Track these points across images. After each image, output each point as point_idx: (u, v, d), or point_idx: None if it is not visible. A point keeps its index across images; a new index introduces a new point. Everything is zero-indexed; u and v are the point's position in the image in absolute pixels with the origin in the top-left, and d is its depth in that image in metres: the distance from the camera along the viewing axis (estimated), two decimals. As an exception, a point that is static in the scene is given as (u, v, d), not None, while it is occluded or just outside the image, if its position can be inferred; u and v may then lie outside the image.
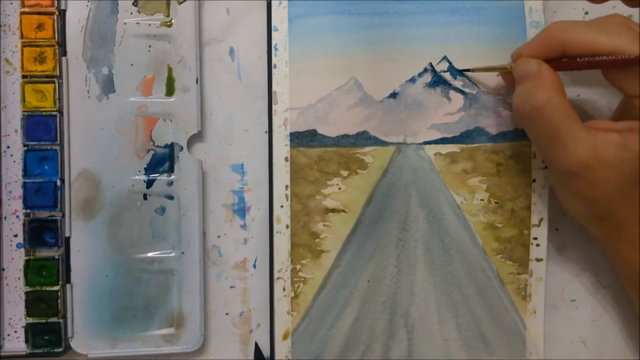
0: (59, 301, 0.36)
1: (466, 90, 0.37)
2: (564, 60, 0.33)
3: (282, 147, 0.37)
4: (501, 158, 0.37)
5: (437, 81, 0.37)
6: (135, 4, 0.37)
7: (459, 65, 0.37)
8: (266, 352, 0.38)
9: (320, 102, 0.37)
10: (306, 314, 0.37)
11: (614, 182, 0.31)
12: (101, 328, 0.37)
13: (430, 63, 0.37)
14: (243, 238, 0.39)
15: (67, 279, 0.37)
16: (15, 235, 0.37)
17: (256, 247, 0.39)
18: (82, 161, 0.37)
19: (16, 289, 0.37)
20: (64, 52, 0.37)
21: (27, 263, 0.36)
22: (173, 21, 0.37)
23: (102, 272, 0.37)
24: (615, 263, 0.35)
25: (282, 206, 0.37)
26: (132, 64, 0.37)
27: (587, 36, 0.31)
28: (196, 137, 0.38)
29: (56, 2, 0.36)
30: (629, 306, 0.39)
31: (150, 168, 0.37)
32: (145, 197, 0.37)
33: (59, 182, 0.36)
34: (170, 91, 0.37)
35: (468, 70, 0.37)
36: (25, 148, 0.36)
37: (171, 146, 0.37)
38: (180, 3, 0.37)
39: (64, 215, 0.36)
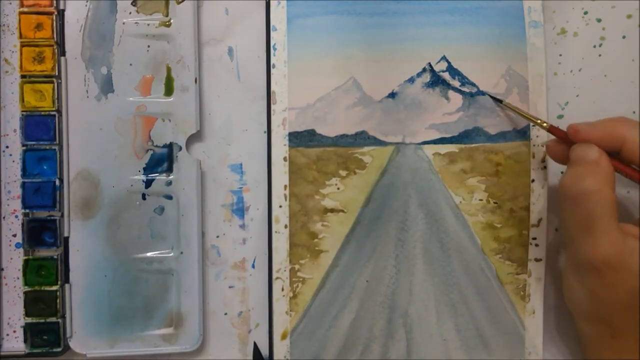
0: (58, 301, 0.36)
1: (465, 90, 0.37)
2: (622, 160, 0.32)
3: (280, 147, 0.37)
4: (500, 158, 0.37)
5: (436, 81, 0.37)
6: (134, 3, 0.37)
7: (458, 65, 0.37)
8: (265, 352, 0.38)
9: (319, 102, 0.37)
10: (305, 314, 0.37)
11: (629, 290, 0.31)
12: (100, 328, 0.37)
13: (429, 63, 0.37)
14: (242, 238, 0.39)
15: (66, 279, 0.37)
16: (14, 235, 0.37)
17: (255, 247, 0.39)
18: (81, 161, 0.37)
19: (15, 289, 0.37)
20: (62, 52, 0.37)
21: (26, 263, 0.36)
22: (172, 21, 0.37)
23: (101, 271, 0.37)
24: None
25: (280, 206, 0.37)
26: (130, 64, 0.37)
27: None
28: (195, 137, 0.38)
29: (55, 2, 0.36)
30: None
31: (149, 168, 0.37)
32: (144, 197, 0.37)
33: (57, 182, 0.36)
34: (169, 91, 0.37)
35: (499, 101, 0.37)
36: (24, 148, 0.36)
37: (170, 146, 0.37)
38: (179, 3, 0.37)
39: (62, 215, 0.36)
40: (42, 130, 0.36)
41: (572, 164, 0.32)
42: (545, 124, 0.35)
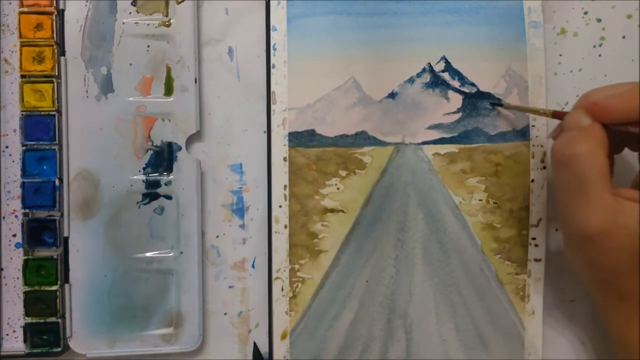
0: (58, 301, 0.36)
1: (464, 90, 0.37)
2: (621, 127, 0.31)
3: (280, 147, 0.37)
4: (499, 158, 0.37)
5: (436, 81, 0.37)
6: (133, 3, 0.37)
7: (457, 65, 0.37)
8: (265, 352, 0.38)
9: (319, 102, 0.37)
10: (304, 314, 0.37)
11: (628, 252, 0.30)
12: (100, 328, 0.37)
13: (429, 63, 0.37)
14: (242, 238, 0.39)
15: (66, 279, 0.37)
16: (14, 235, 0.37)
17: (255, 247, 0.39)
18: (81, 161, 0.37)
19: (15, 289, 0.37)
20: (62, 52, 0.37)
21: (26, 263, 0.36)
22: (172, 21, 0.37)
23: (101, 271, 0.37)
24: (612, 332, 0.34)
25: (280, 206, 0.37)
26: (130, 64, 0.37)
27: None
28: (195, 137, 0.38)
29: (55, 1, 0.36)
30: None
31: (149, 168, 0.37)
32: (144, 196, 0.37)
33: (57, 182, 0.36)
34: (169, 91, 0.37)
35: (500, 105, 0.37)
36: (24, 148, 0.36)
37: (170, 146, 0.37)
38: (179, 3, 0.37)
39: (62, 215, 0.36)
40: (41, 130, 0.36)
41: (564, 130, 0.32)
42: (547, 111, 0.34)
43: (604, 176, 0.30)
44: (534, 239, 0.38)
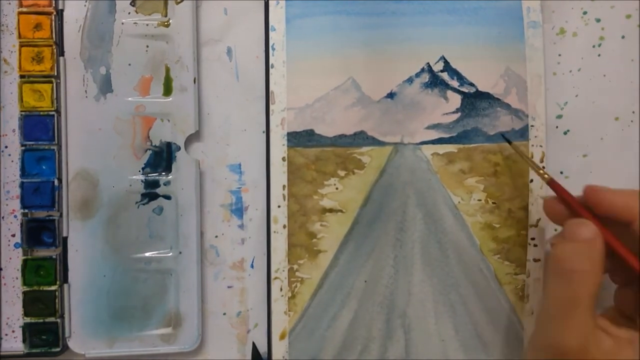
0: (57, 301, 0.36)
1: (463, 90, 0.37)
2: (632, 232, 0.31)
3: (279, 147, 0.37)
4: (498, 158, 0.37)
5: (435, 81, 0.37)
6: (132, 3, 0.37)
7: (456, 65, 0.37)
8: (263, 352, 0.38)
9: (318, 102, 0.37)
10: (303, 314, 0.37)
11: None
12: (99, 328, 0.37)
13: (428, 63, 0.37)
14: (240, 238, 0.39)
15: (65, 279, 0.37)
16: (13, 235, 0.37)
17: (254, 247, 0.39)
18: (80, 161, 0.37)
19: (14, 289, 0.37)
20: (61, 52, 0.37)
21: (25, 263, 0.36)
22: (171, 21, 0.37)
23: (100, 271, 0.37)
24: None
25: (279, 206, 0.37)
26: (129, 64, 0.37)
27: None
28: (194, 137, 0.38)
29: (54, 2, 0.36)
30: (627, 307, 0.39)
31: (148, 168, 0.37)
32: (143, 196, 0.37)
33: (56, 182, 0.36)
34: (167, 91, 0.37)
35: (509, 142, 0.36)
36: (23, 148, 0.36)
37: (169, 146, 0.37)
38: (177, 3, 0.37)
39: (61, 215, 0.37)
40: (41, 130, 0.36)
41: (566, 239, 0.31)
42: (546, 176, 0.34)
43: (594, 298, 0.30)
44: (533, 239, 0.38)
